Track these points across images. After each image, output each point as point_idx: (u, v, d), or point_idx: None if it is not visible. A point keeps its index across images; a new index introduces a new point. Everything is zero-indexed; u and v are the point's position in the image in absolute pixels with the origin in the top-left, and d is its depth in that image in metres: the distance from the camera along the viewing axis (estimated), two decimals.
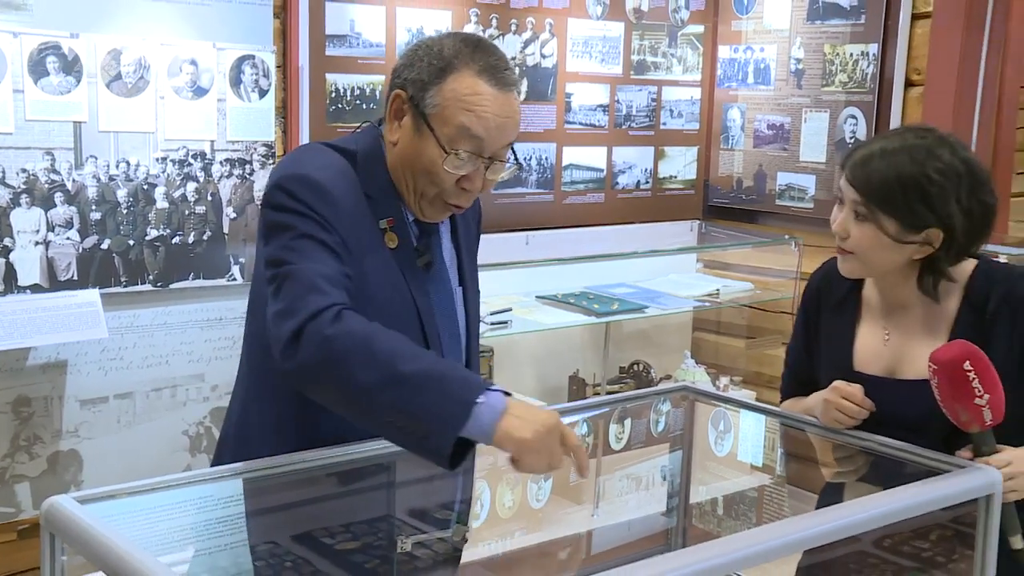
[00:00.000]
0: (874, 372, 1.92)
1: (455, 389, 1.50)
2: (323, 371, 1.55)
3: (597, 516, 2.76)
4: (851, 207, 1.83)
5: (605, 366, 4.21)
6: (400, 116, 1.75)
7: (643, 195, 4.42)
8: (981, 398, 1.70)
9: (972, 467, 1.72)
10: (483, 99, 1.69)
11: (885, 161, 1.79)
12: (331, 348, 1.53)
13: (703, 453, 2.40)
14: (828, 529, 1.58)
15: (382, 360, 1.51)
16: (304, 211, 1.67)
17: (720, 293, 4.27)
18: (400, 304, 1.76)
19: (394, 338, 1.56)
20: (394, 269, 1.76)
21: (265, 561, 1.69)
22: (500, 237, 3.95)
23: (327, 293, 1.58)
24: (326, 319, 1.55)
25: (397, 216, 1.78)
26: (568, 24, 4.07)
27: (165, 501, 1.55)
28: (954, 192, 1.78)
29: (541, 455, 1.49)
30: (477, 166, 1.72)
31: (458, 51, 1.72)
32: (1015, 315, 1.82)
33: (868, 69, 4.03)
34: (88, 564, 1.35)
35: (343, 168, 1.75)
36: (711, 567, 1.42)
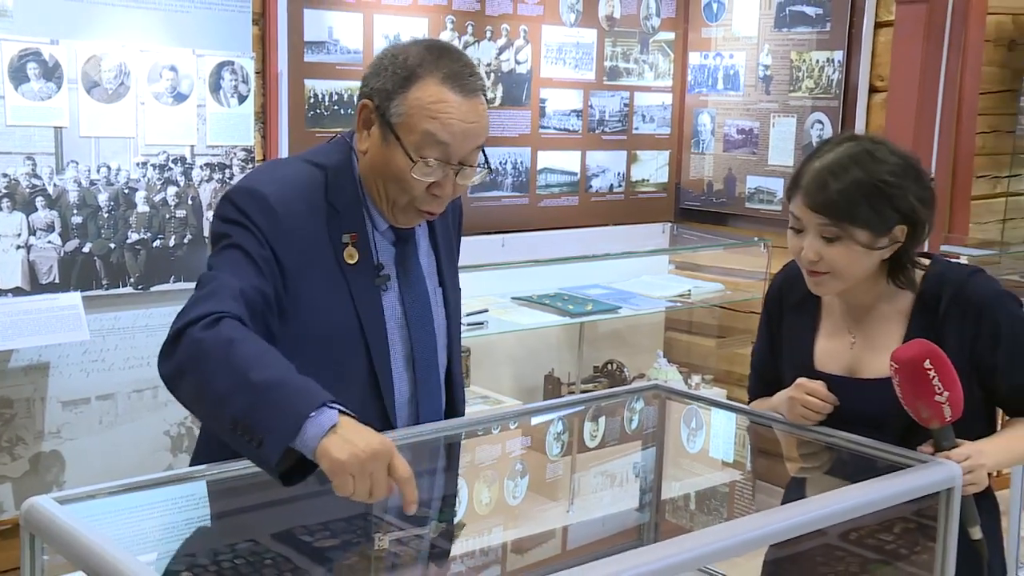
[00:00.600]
0: (835, 371, 1.93)
1: (292, 401, 1.42)
2: (185, 373, 1.52)
3: (572, 512, 2.76)
4: (816, 231, 1.80)
5: (580, 365, 4.22)
6: (368, 125, 1.74)
7: (616, 198, 4.43)
8: (941, 395, 1.71)
9: (933, 462, 1.73)
10: (448, 106, 1.68)
11: (839, 178, 1.78)
12: (196, 350, 1.50)
13: (675, 450, 2.40)
14: (795, 523, 1.59)
15: (236, 366, 1.45)
16: (243, 222, 1.67)
17: (691, 294, 4.29)
18: (340, 321, 1.74)
19: (258, 347, 1.50)
20: (342, 287, 1.74)
21: (245, 559, 1.68)
22: (476, 239, 3.95)
23: (221, 301, 1.56)
24: (202, 323, 1.52)
25: (361, 231, 1.76)
26: (542, 31, 4.07)
27: (145, 501, 1.54)
28: (908, 186, 1.80)
29: (357, 480, 1.39)
30: (446, 172, 1.71)
31: (422, 59, 1.70)
32: (965, 315, 1.84)
33: (833, 75, 4.05)
34: (68, 564, 1.34)
35: (308, 183, 1.74)
36: (682, 561, 1.43)
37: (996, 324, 1.84)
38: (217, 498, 1.71)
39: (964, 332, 1.83)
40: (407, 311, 1.81)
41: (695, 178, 4.58)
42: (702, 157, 4.56)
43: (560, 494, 2.77)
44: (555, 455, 2.73)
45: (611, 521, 2.54)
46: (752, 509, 2.49)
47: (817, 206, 1.79)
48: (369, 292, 1.77)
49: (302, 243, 1.69)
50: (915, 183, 1.81)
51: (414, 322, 1.82)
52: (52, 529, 1.35)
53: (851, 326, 1.94)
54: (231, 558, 1.67)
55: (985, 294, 1.85)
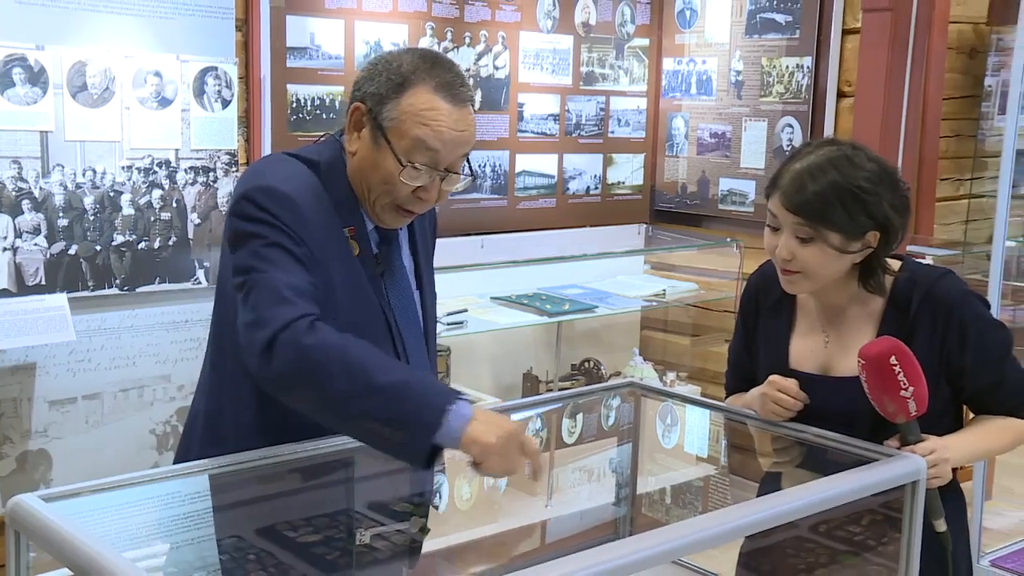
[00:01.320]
0: (808, 370, 1.94)
1: (429, 399, 1.53)
2: (300, 380, 1.56)
3: (551, 507, 2.76)
4: (792, 231, 1.81)
5: (557, 364, 4.22)
6: (359, 128, 1.75)
7: (592, 200, 4.43)
8: (906, 390, 1.72)
9: (899, 455, 1.75)
10: (439, 114, 1.70)
11: (817, 181, 1.78)
12: (307, 358, 1.54)
13: (651, 445, 2.41)
14: (767, 516, 1.60)
15: (357, 370, 1.53)
16: (271, 221, 1.66)
17: (666, 293, 4.30)
18: (368, 310, 1.76)
19: (366, 349, 1.57)
20: (360, 275, 1.76)
21: (229, 555, 1.68)
22: (456, 241, 3.95)
23: (295, 304, 1.58)
24: (300, 329, 1.55)
25: (358, 225, 1.78)
26: (520, 37, 4.07)
27: (129, 498, 1.53)
28: (883, 194, 1.80)
29: (503, 459, 1.53)
30: (433, 178, 1.73)
31: (416, 67, 1.71)
32: (935, 315, 1.84)
33: (803, 81, 4.07)
34: (54, 561, 1.33)
35: (307, 178, 1.74)
36: (657, 554, 1.43)
37: (964, 325, 1.84)
38: (201, 495, 1.70)
39: (934, 332, 1.84)
40: (394, 308, 1.82)
41: (669, 180, 4.59)
42: (676, 160, 4.57)
43: (539, 489, 2.77)
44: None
45: (589, 515, 2.54)
46: (726, 503, 2.50)
47: (793, 207, 1.80)
48: (376, 283, 1.79)
49: (321, 234, 1.70)
50: (890, 191, 1.81)
51: (401, 318, 1.83)
52: (37, 526, 1.34)
53: (825, 326, 1.95)
54: (215, 554, 1.66)
55: (953, 296, 1.86)
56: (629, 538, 1.51)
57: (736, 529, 1.58)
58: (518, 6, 4.05)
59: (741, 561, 2.07)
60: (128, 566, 1.24)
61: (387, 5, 3.67)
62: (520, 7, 4.05)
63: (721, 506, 2.41)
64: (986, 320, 1.88)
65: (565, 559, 1.30)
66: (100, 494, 1.49)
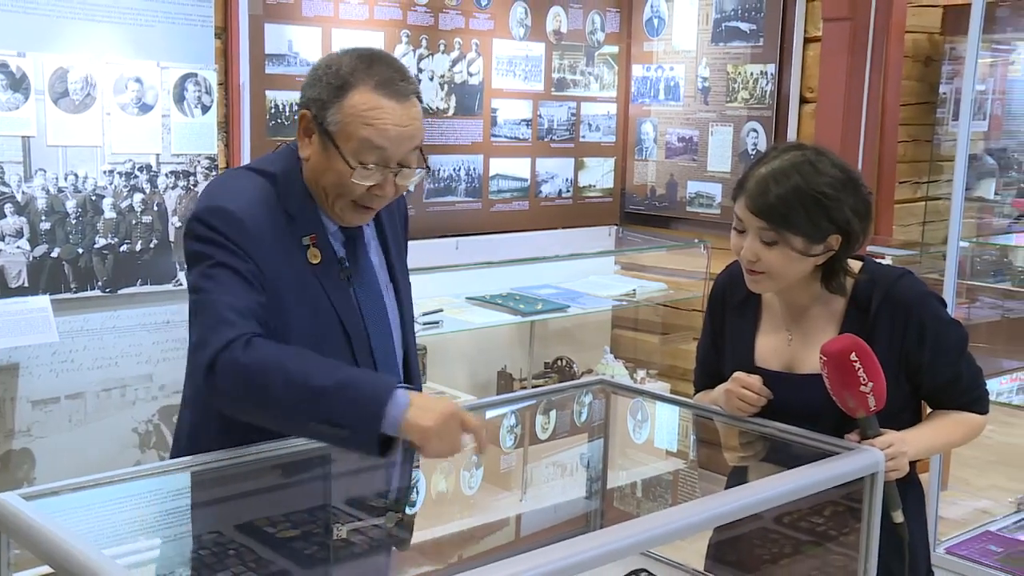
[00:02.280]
0: (774, 367, 1.94)
1: (367, 394, 1.53)
2: (244, 397, 1.57)
3: (525, 501, 2.76)
4: (756, 233, 1.81)
5: (531, 362, 4.22)
6: (309, 134, 1.73)
7: (564, 203, 4.44)
8: (866, 386, 1.73)
9: (859, 449, 1.76)
10: (382, 112, 1.67)
11: (780, 185, 1.79)
12: (247, 375, 1.55)
13: (622, 441, 2.41)
14: (734, 508, 1.60)
15: (296, 379, 1.53)
16: (219, 241, 1.65)
17: (636, 293, 4.31)
18: (322, 318, 1.74)
19: (304, 356, 1.57)
20: (315, 285, 1.73)
21: (209, 550, 1.66)
22: (431, 242, 3.94)
23: (235, 324, 1.57)
24: (237, 348, 1.55)
25: (319, 231, 1.75)
26: (493, 44, 4.07)
27: (111, 496, 1.51)
28: (845, 199, 1.80)
29: (442, 441, 1.54)
30: (385, 175, 1.70)
31: (354, 68, 1.68)
32: (894, 315, 1.85)
33: (767, 87, 4.10)
34: (36, 559, 1.31)
35: (261, 192, 1.72)
36: (626, 546, 1.44)
37: (922, 324, 1.85)
38: (181, 492, 1.69)
39: (893, 331, 1.85)
40: (361, 306, 1.80)
41: (639, 184, 4.60)
42: (645, 164, 4.58)
43: (513, 484, 2.77)
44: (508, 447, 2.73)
45: (562, 509, 2.54)
46: (694, 495, 2.51)
47: (758, 210, 1.80)
48: (340, 288, 1.76)
49: (272, 250, 1.68)
50: (853, 196, 1.82)
51: (369, 316, 1.81)
52: (18, 524, 1.33)
53: (789, 325, 1.95)
54: (196, 549, 1.65)
55: (912, 296, 1.87)
56: (600, 531, 1.50)
57: (703, 521, 1.59)
58: (491, 14, 4.04)
59: (710, 553, 2.08)
60: (108, 563, 1.22)
61: (363, 13, 3.65)
62: (493, 15, 4.05)
63: (690, 499, 2.42)
64: (943, 319, 1.89)
65: (538, 551, 1.30)
66: (81, 492, 1.47)
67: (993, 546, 3.32)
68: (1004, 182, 4.80)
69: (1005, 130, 4.93)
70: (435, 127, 3.93)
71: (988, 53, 4.64)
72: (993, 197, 4.69)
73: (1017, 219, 4.55)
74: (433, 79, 3.89)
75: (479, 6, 4.00)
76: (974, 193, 4.47)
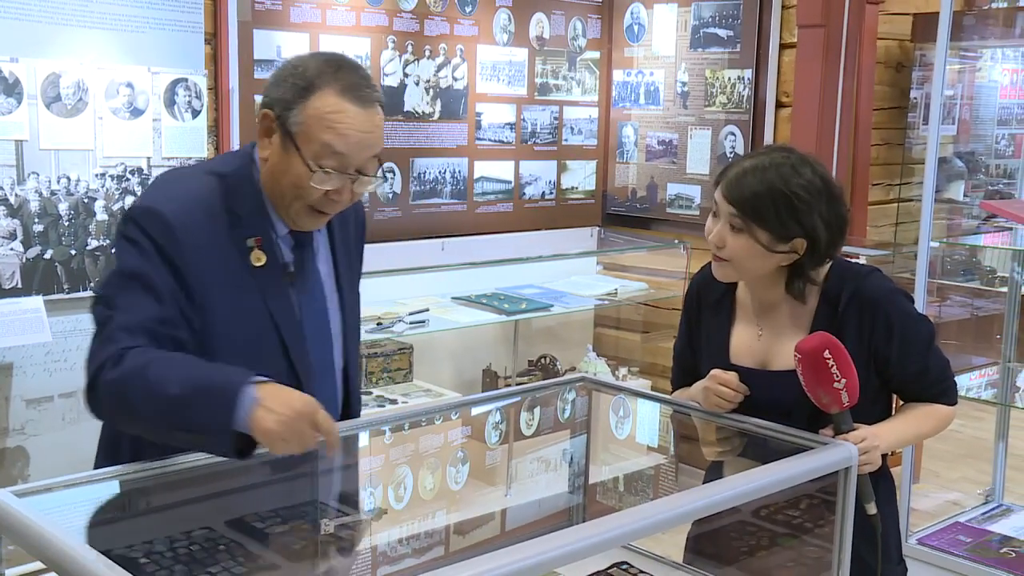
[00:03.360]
0: (748, 364, 1.95)
1: (218, 398, 1.48)
2: (114, 412, 1.57)
3: (510, 496, 2.75)
4: (727, 219, 1.83)
5: (515, 360, 4.22)
6: (269, 134, 1.68)
7: (548, 204, 4.44)
8: (839, 382, 1.74)
9: (833, 443, 1.76)
10: (345, 117, 1.62)
11: (757, 178, 1.80)
12: (112, 392, 1.53)
13: (604, 437, 2.41)
14: (712, 502, 1.60)
15: (155, 390, 1.50)
16: (143, 245, 1.60)
17: (618, 292, 4.31)
18: (257, 324, 1.68)
19: (165, 364, 1.53)
20: (253, 290, 1.68)
21: (200, 545, 1.65)
22: (418, 243, 3.93)
23: (117, 341, 1.55)
24: (107, 367, 1.53)
25: (265, 234, 1.70)
26: (477, 50, 4.07)
27: (102, 493, 1.50)
28: (817, 206, 1.80)
29: (287, 443, 1.48)
30: (344, 181, 1.66)
31: (321, 71, 1.64)
32: (862, 312, 1.86)
33: (744, 92, 4.11)
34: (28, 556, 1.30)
35: (204, 193, 1.67)
36: (608, 539, 1.44)
37: (889, 319, 1.86)
38: (172, 488, 1.67)
39: (862, 327, 1.85)
40: (303, 313, 1.74)
41: (620, 186, 4.61)
42: (626, 166, 4.59)
43: (498, 479, 2.77)
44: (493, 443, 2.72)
45: (545, 503, 2.54)
46: (675, 489, 2.51)
47: (731, 197, 1.81)
48: (281, 293, 1.71)
49: (205, 254, 1.63)
50: (825, 205, 1.82)
51: (310, 324, 1.75)
52: (11, 522, 1.32)
53: (760, 321, 1.96)
54: (187, 544, 1.64)
55: (880, 292, 1.88)
56: (583, 524, 1.51)
57: (683, 515, 1.59)
58: (475, 21, 4.04)
59: (689, 546, 2.08)
60: (98, 559, 1.22)
61: (350, 20, 3.64)
62: (477, 22, 4.05)
63: (669, 493, 2.42)
64: (910, 314, 1.90)
65: (523, 544, 1.29)
66: (74, 489, 1.46)
67: (962, 536, 3.34)
68: (973, 184, 4.83)
69: (973, 134, 4.96)
70: (421, 131, 3.93)
71: (956, 60, 4.67)
72: (962, 199, 4.72)
73: (985, 220, 4.58)
74: (419, 84, 3.89)
75: (463, 12, 4.00)
76: (944, 195, 4.49)
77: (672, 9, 4.33)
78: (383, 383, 3.72)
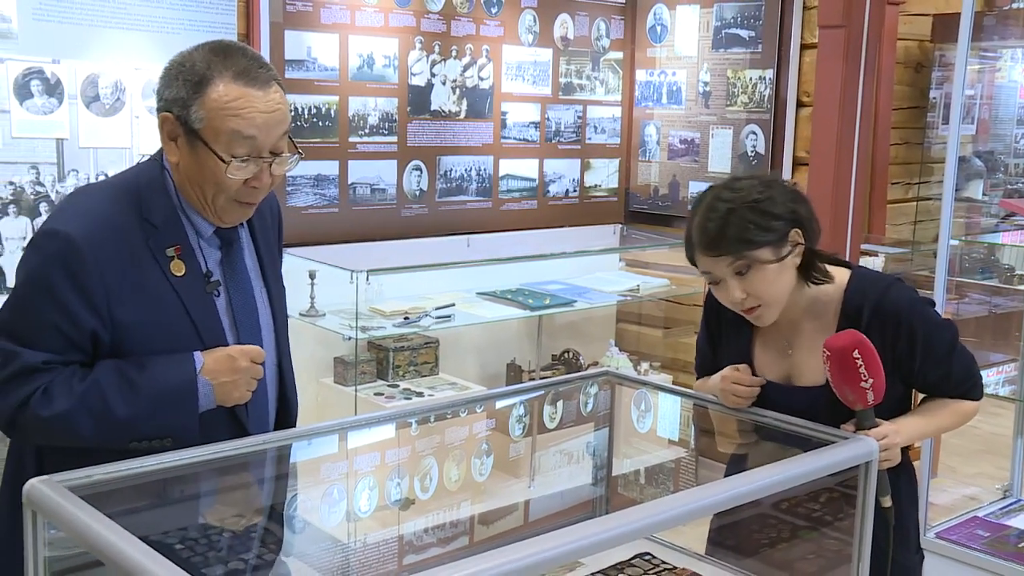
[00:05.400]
0: (772, 378, 1.91)
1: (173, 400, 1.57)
2: (57, 440, 1.57)
3: (533, 487, 2.75)
4: (729, 273, 1.77)
5: (539, 354, 4.22)
6: (174, 137, 1.61)
7: (571, 202, 4.43)
8: (866, 382, 1.71)
9: (854, 438, 1.74)
10: (245, 101, 1.56)
11: (716, 219, 1.75)
12: (51, 427, 1.54)
13: (626, 430, 2.40)
14: (734, 495, 1.59)
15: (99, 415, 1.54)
16: (47, 271, 1.55)
17: (640, 288, 4.30)
18: (179, 332, 1.62)
19: (100, 388, 1.55)
20: (174, 299, 1.62)
21: (233, 533, 1.66)
22: (444, 240, 3.94)
23: (31, 379, 1.54)
24: (36, 402, 1.53)
25: (184, 242, 1.64)
26: (503, 50, 4.06)
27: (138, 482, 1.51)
28: (775, 195, 1.77)
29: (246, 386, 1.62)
30: (260, 166, 1.60)
31: (209, 62, 1.58)
32: (884, 325, 1.81)
33: (765, 91, 4.08)
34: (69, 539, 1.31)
35: (114, 208, 1.60)
36: (631, 530, 1.43)
37: (912, 332, 1.82)
38: (209, 476, 1.67)
39: (885, 339, 1.80)
40: (235, 313, 1.69)
41: (642, 184, 4.59)
42: (648, 165, 4.57)
43: (522, 471, 2.76)
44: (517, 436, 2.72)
45: (568, 495, 2.54)
46: (694, 482, 2.50)
47: (714, 250, 1.76)
48: (202, 301, 1.65)
49: (117, 271, 1.57)
50: (779, 190, 1.78)
51: (242, 323, 1.70)
52: (51, 507, 1.33)
53: (785, 338, 1.91)
54: (220, 532, 1.65)
55: (901, 305, 1.83)
56: (605, 516, 1.50)
57: (704, 507, 1.58)
58: (501, 21, 4.03)
59: (711, 538, 2.06)
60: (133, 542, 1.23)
61: (379, 20, 3.65)
62: (503, 22, 4.04)
63: (690, 486, 2.41)
64: (932, 323, 1.85)
65: (546, 535, 1.29)
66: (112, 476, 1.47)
67: (980, 531, 3.30)
68: (991, 183, 4.78)
69: (992, 133, 4.91)
70: (447, 129, 3.93)
71: (976, 60, 4.62)
72: (981, 197, 4.68)
73: (1004, 218, 4.53)
74: (445, 83, 3.88)
75: (489, 13, 3.99)
76: (963, 193, 4.44)
77: (694, 10, 4.31)
78: (410, 376, 3.73)
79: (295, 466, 1.82)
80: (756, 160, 4.13)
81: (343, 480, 1.98)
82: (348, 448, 1.91)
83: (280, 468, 1.78)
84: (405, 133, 3.80)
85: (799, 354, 1.90)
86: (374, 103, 3.68)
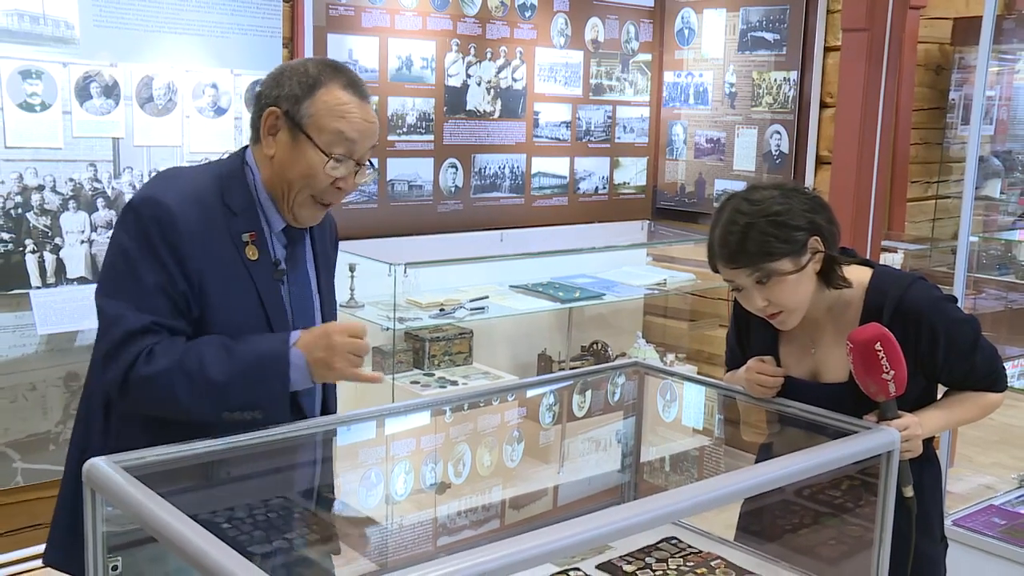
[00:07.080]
0: (797, 375, 1.89)
1: (273, 369, 1.56)
2: (157, 405, 1.57)
3: (562, 473, 2.75)
4: (751, 283, 1.75)
5: (569, 345, 4.20)
6: (275, 131, 1.66)
7: (601, 199, 4.41)
8: (888, 374, 1.69)
9: (877, 429, 1.72)
10: (351, 107, 1.65)
11: (736, 232, 1.72)
12: (153, 386, 1.54)
13: (652, 419, 2.39)
14: (758, 482, 1.58)
15: (197, 379, 1.53)
16: (145, 234, 1.58)
17: (667, 282, 4.27)
18: (249, 311, 1.66)
19: (201, 352, 1.55)
20: (247, 280, 1.65)
21: (277, 513, 1.67)
22: (478, 235, 3.94)
23: (138, 338, 1.55)
24: (140, 363, 1.54)
25: (259, 230, 1.68)
26: (536, 52, 4.04)
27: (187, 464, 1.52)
28: (794, 205, 1.73)
29: (347, 363, 1.58)
30: (350, 169, 1.67)
31: (321, 70, 1.67)
32: (906, 324, 1.78)
33: (789, 92, 4.03)
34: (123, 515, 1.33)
35: (202, 188, 1.65)
36: (658, 516, 1.42)
37: (934, 330, 1.78)
38: (255, 460, 1.68)
39: (907, 338, 1.76)
40: (293, 305, 1.73)
41: (670, 181, 4.56)
42: (676, 163, 4.53)
43: (552, 457, 2.76)
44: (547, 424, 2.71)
45: (596, 481, 2.53)
46: (720, 470, 2.47)
47: (735, 263, 1.74)
48: (271, 286, 1.69)
49: (204, 243, 1.61)
50: (797, 200, 1.75)
51: (298, 314, 1.73)
52: (109, 485, 1.34)
53: (808, 336, 1.89)
54: (264, 512, 1.65)
55: (923, 303, 1.79)
56: (633, 502, 1.49)
57: (732, 494, 1.56)
58: (534, 25, 4.02)
59: (741, 522, 2.05)
60: (181, 518, 1.23)
61: (417, 24, 3.64)
62: (536, 26, 4.02)
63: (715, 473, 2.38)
64: (953, 320, 1.81)
65: (577, 519, 1.28)
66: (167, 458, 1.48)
67: (996, 519, 3.25)
68: (1009, 182, 4.71)
69: (1010, 134, 4.83)
70: (482, 129, 3.92)
71: (995, 62, 4.54)
72: (999, 196, 4.61)
73: (1021, 216, 4.46)
74: (480, 84, 3.88)
75: (523, 17, 3.98)
76: (981, 192, 4.38)
77: (721, 14, 4.27)
78: (444, 366, 3.73)
79: (336, 451, 1.82)
80: (780, 159, 4.09)
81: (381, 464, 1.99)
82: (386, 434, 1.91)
83: (321, 452, 1.79)
84: (441, 132, 3.79)
85: (823, 352, 1.87)
86: (412, 103, 3.68)
